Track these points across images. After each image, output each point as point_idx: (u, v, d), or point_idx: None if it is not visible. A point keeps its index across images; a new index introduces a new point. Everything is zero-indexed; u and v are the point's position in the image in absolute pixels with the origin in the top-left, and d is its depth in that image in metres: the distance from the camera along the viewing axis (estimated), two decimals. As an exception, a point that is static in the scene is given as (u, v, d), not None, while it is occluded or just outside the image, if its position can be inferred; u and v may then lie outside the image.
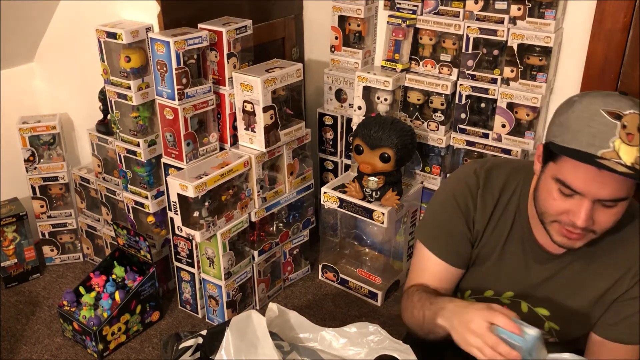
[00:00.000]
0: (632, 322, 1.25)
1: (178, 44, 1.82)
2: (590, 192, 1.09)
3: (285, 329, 1.53)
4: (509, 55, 1.99)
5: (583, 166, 1.06)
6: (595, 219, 1.12)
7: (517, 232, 1.32)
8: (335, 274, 2.38)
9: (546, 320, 1.34)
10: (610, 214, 1.12)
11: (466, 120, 2.15)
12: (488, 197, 1.33)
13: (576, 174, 1.09)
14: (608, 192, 1.08)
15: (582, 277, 1.29)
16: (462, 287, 1.42)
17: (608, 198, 1.09)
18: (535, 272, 1.32)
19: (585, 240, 1.18)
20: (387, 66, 2.20)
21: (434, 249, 1.37)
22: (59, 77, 2.46)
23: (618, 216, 1.13)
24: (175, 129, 1.93)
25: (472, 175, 1.35)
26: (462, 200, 1.33)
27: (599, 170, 1.04)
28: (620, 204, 1.11)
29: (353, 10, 2.23)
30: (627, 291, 1.25)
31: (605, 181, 1.06)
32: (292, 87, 2.10)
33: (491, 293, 1.37)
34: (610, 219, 1.13)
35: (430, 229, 1.40)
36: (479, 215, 1.33)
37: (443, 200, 1.39)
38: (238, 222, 2.06)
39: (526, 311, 1.35)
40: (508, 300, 1.36)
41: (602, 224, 1.13)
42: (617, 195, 1.09)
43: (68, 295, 2.08)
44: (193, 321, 2.21)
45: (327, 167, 2.55)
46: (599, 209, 1.11)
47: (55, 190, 2.45)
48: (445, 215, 1.36)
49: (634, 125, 1.04)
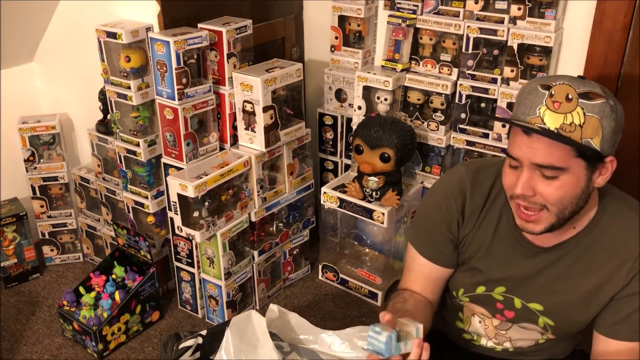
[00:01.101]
0: (633, 319, 1.26)
1: (178, 44, 1.82)
2: (524, 157, 1.16)
3: (285, 330, 1.53)
4: (509, 55, 1.99)
5: (519, 135, 1.16)
6: (537, 189, 1.17)
7: (503, 228, 1.34)
8: (335, 274, 2.38)
9: (540, 315, 1.34)
10: (553, 187, 1.16)
11: (466, 120, 2.14)
12: (477, 197, 1.35)
13: (514, 143, 1.18)
14: (540, 158, 1.14)
15: (573, 270, 1.30)
16: (455, 286, 1.43)
17: (541, 163, 1.14)
18: (525, 267, 1.33)
19: (543, 222, 1.20)
20: (387, 66, 2.20)
21: (419, 249, 1.42)
22: (59, 77, 2.46)
23: (563, 191, 1.16)
24: (175, 129, 1.93)
25: (460, 178, 1.38)
26: (445, 203, 1.37)
27: (528, 137, 1.14)
28: (562, 178, 1.15)
29: (353, 10, 2.23)
30: (624, 287, 1.26)
31: (535, 146, 1.14)
32: (292, 87, 2.10)
33: (483, 289, 1.38)
34: (554, 192, 1.16)
35: (416, 230, 1.45)
36: (467, 216, 1.36)
37: (429, 202, 1.44)
38: (238, 222, 2.06)
39: (520, 307, 1.35)
40: (501, 297, 1.37)
41: (546, 196, 1.17)
42: (550, 161, 1.13)
43: (68, 295, 2.08)
44: (193, 321, 2.21)
45: (327, 167, 2.55)
46: (539, 180, 1.16)
47: (55, 190, 2.45)
48: (429, 217, 1.41)
49: (562, 94, 1.13)
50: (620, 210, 1.28)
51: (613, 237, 1.27)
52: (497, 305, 1.38)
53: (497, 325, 1.42)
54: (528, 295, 1.34)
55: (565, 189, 1.16)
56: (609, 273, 1.26)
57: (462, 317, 1.48)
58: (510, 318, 1.38)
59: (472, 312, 1.45)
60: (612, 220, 1.27)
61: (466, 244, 1.37)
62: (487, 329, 1.44)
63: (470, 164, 1.42)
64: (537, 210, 1.19)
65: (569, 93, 1.12)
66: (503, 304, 1.37)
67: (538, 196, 1.17)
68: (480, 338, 1.47)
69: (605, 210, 1.28)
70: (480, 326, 1.45)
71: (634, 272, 1.24)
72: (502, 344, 1.44)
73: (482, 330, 1.45)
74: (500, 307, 1.38)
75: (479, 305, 1.41)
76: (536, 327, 1.37)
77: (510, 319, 1.38)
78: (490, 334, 1.44)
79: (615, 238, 1.26)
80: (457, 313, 1.49)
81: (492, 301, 1.38)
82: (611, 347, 1.28)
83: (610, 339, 1.29)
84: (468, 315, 1.47)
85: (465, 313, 1.47)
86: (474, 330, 1.47)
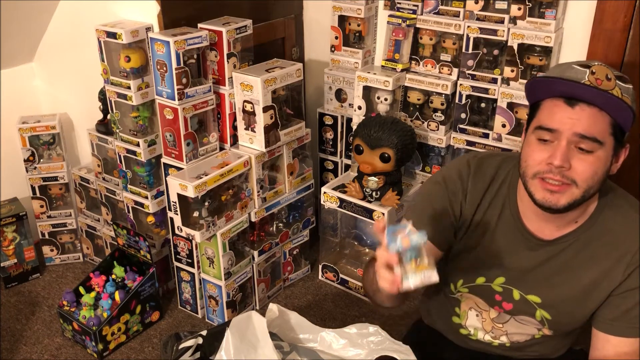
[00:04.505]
0: (632, 315, 1.26)
1: (178, 44, 1.82)
2: (565, 128, 1.16)
3: (285, 330, 1.53)
4: (509, 55, 1.99)
5: (558, 106, 1.17)
6: (572, 164, 1.16)
7: (506, 219, 1.34)
8: (335, 274, 2.38)
9: (538, 308, 1.35)
10: (587, 162, 1.16)
11: (466, 120, 2.14)
12: (479, 184, 1.35)
13: (552, 114, 1.18)
14: (583, 128, 1.14)
15: (572, 264, 1.30)
16: (454, 278, 1.42)
17: (584, 133, 1.14)
18: (525, 259, 1.33)
19: (568, 196, 1.19)
20: (387, 66, 2.20)
21: (415, 222, 1.38)
22: (59, 77, 2.46)
23: (596, 168, 1.17)
24: (175, 129, 1.93)
25: (465, 164, 1.38)
26: (452, 184, 1.36)
27: (572, 108, 1.15)
28: (596, 154, 1.16)
29: (353, 10, 2.23)
30: (622, 283, 1.26)
31: (578, 117, 1.15)
32: (292, 87, 2.10)
33: (483, 280, 1.38)
34: (587, 168, 1.16)
35: (416, 207, 1.44)
36: (468, 201, 1.35)
37: (433, 182, 1.43)
38: (238, 222, 2.06)
39: (518, 298, 1.36)
40: (500, 288, 1.37)
41: (580, 171, 1.17)
42: (592, 132, 1.14)
43: (68, 295, 2.08)
44: (193, 321, 2.21)
45: (327, 167, 2.54)
46: (575, 155, 1.16)
47: (55, 190, 2.45)
48: (432, 193, 1.40)
49: (602, 73, 1.16)
50: (620, 207, 1.29)
51: (612, 233, 1.27)
52: (496, 297, 1.38)
53: (494, 317, 1.42)
54: (527, 287, 1.34)
55: (597, 165, 1.17)
56: (607, 268, 1.27)
57: (459, 312, 1.48)
58: (508, 310, 1.38)
59: (469, 305, 1.45)
60: (611, 216, 1.28)
61: (468, 231, 1.37)
62: (485, 322, 1.44)
63: (474, 153, 1.43)
64: (566, 185, 1.18)
65: (608, 73, 1.16)
66: (502, 295, 1.37)
67: (571, 171, 1.17)
68: (478, 332, 1.47)
69: (605, 205, 1.28)
70: (478, 319, 1.45)
71: (632, 267, 1.25)
72: (499, 337, 1.45)
73: (479, 324, 1.45)
74: (499, 298, 1.38)
75: (478, 296, 1.41)
76: (533, 320, 1.37)
77: (508, 310, 1.38)
78: (487, 327, 1.45)
79: (614, 233, 1.27)
80: (454, 308, 1.49)
81: (491, 292, 1.38)
82: (610, 343, 1.29)
83: (610, 336, 1.29)
84: (465, 310, 1.47)
85: (462, 307, 1.47)
86: (471, 324, 1.47)
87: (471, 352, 1.50)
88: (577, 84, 1.15)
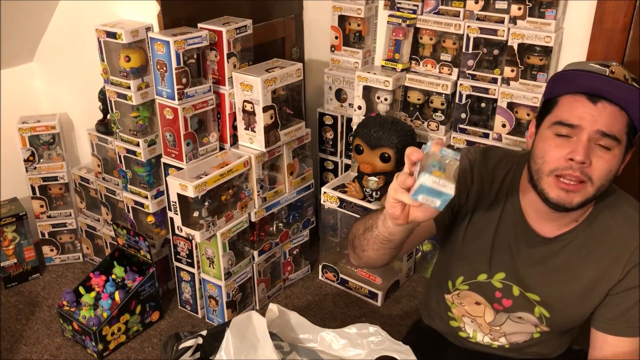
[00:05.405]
0: (631, 314, 1.26)
1: (178, 44, 1.82)
2: (586, 123, 1.15)
3: (285, 330, 1.53)
4: (509, 55, 1.99)
5: (579, 102, 1.17)
6: (592, 160, 1.16)
7: (508, 214, 1.34)
8: (335, 274, 2.38)
9: (537, 305, 1.35)
10: (604, 159, 1.16)
11: (466, 120, 2.14)
12: (483, 173, 1.35)
13: (572, 109, 1.17)
14: (604, 125, 1.14)
15: (572, 263, 1.30)
16: (454, 274, 1.42)
17: (605, 130, 1.14)
18: (526, 255, 1.33)
19: (582, 194, 1.18)
20: (387, 66, 2.20)
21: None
22: (58, 77, 2.46)
23: (611, 166, 1.17)
24: (175, 129, 1.93)
25: (468, 153, 1.39)
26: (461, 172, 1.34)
27: (594, 105, 1.15)
28: (613, 152, 1.16)
29: (353, 10, 2.23)
30: (620, 281, 1.26)
31: (600, 114, 1.15)
32: (292, 87, 2.10)
33: (484, 277, 1.38)
34: (604, 165, 1.16)
35: None
36: (473, 189, 1.35)
37: None
38: (238, 222, 2.06)
39: (517, 295, 1.36)
40: (500, 284, 1.37)
41: (597, 168, 1.16)
42: (612, 130, 1.15)
43: (68, 295, 2.07)
44: (193, 321, 2.20)
45: (327, 167, 2.54)
46: (595, 151, 1.16)
47: (55, 190, 2.45)
48: None
49: (621, 73, 1.17)
50: (620, 207, 1.29)
51: (611, 231, 1.28)
52: (496, 294, 1.38)
53: (490, 321, 1.42)
54: (526, 284, 1.34)
55: (612, 163, 1.17)
56: (606, 266, 1.27)
57: (453, 316, 1.49)
58: (507, 307, 1.38)
59: (462, 313, 1.46)
60: (611, 215, 1.28)
61: (470, 221, 1.36)
62: (481, 326, 1.44)
63: (477, 146, 1.43)
64: (581, 183, 1.17)
65: (625, 74, 1.17)
66: (502, 292, 1.37)
67: (590, 168, 1.16)
68: (477, 334, 1.47)
69: (605, 205, 1.29)
70: (473, 324, 1.45)
71: (630, 265, 1.25)
72: (498, 339, 1.45)
73: (476, 326, 1.45)
74: (498, 295, 1.38)
75: (477, 293, 1.40)
76: (531, 317, 1.37)
77: (507, 307, 1.38)
78: (485, 330, 1.45)
79: (613, 232, 1.28)
80: (447, 312, 1.49)
81: (491, 289, 1.38)
82: (609, 343, 1.29)
83: (608, 335, 1.29)
84: (459, 316, 1.47)
85: (455, 313, 1.48)
86: (469, 327, 1.47)
87: (471, 353, 1.51)
88: (607, 78, 1.14)
